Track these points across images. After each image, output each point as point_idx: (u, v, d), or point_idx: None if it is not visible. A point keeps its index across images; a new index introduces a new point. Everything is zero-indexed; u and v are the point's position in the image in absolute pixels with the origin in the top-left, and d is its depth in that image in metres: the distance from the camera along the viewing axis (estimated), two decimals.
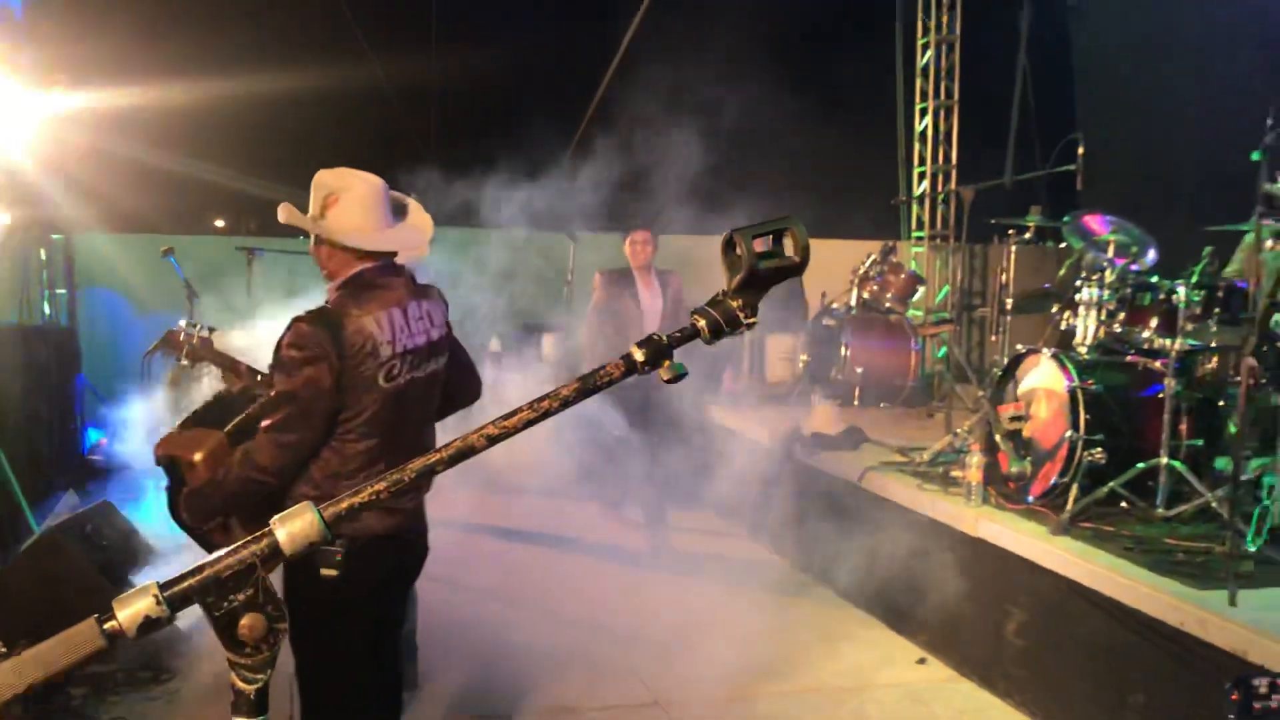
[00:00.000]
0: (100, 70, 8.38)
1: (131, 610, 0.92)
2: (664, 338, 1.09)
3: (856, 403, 7.97)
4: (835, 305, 8.54)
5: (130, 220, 9.05)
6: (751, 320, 1.11)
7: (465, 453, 1.01)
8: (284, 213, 3.19)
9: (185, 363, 3.79)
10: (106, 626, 0.92)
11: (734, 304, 1.11)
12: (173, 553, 5.58)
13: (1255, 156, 4.41)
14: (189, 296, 7.62)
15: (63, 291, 9.08)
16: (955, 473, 5.69)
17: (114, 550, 5.31)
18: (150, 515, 6.02)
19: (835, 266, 8.90)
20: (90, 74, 8.28)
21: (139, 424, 7.49)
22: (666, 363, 1.09)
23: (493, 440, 1.03)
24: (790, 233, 1.11)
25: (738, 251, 1.09)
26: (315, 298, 3.32)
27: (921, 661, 5.38)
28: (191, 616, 0.95)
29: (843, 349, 8.09)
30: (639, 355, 1.08)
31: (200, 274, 7.95)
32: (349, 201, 3.12)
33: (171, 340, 3.81)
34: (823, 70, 9.38)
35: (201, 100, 8.79)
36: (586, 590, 6.18)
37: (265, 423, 3.03)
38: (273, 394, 3.07)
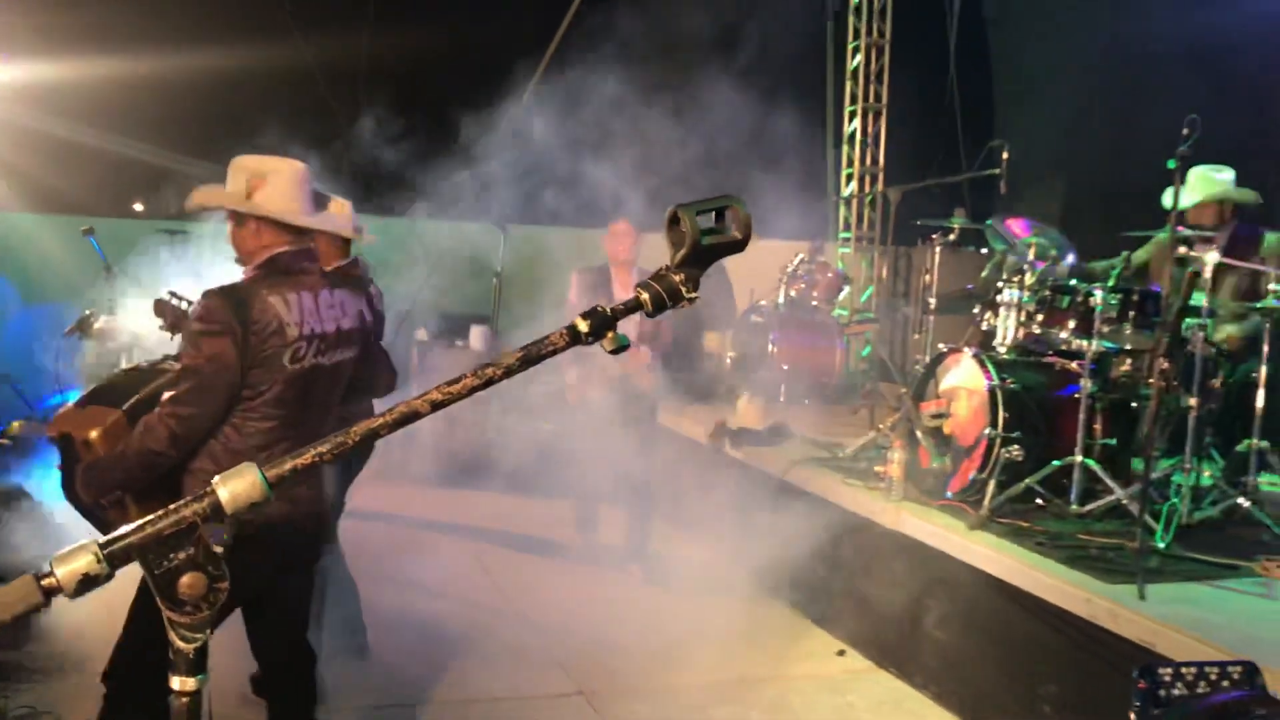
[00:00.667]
0: (31, 41, 8.15)
1: (70, 567, 0.92)
2: (608, 309, 1.11)
3: (783, 399, 8.05)
4: (763, 303, 8.63)
5: (46, 200, 8.81)
6: (693, 295, 1.13)
7: (409, 417, 1.02)
8: (203, 195, 3.23)
9: (169, 332, 4.06)
10: (44, 583, 0.91)
11: (677, 278, 1.13)
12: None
13: (1170, 164, 4.55)
14: (108, 278, 7.44)
15: None
16: (878, 468, 5.78)
17: (25, 538, 5.18)
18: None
19: (764, 265, 8.99)
20: (20, 45, 8.05)
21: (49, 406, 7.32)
22: (610, 334, 1.11)
23: (437, 405, 1.04)
24: (733, 210, 1.14)
25: (682, 227, 1.12)
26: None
27: (841, 654, 5.46)
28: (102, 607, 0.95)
29: (770, 346, 8.17)
30: (583, 326, 1.09)
31: (119, 256, 7.76)
32: (277, 182, 3.16)
33: (158, 309, 4.06)
34: (753, 72, 9.46)
35: (123, 77, 8.59)
36: (512, 583, 6.18)
37: (166, 395, 3.05)
38: (179, 367, 3.08)
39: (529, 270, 8.60)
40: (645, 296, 1.13)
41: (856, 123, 10.89)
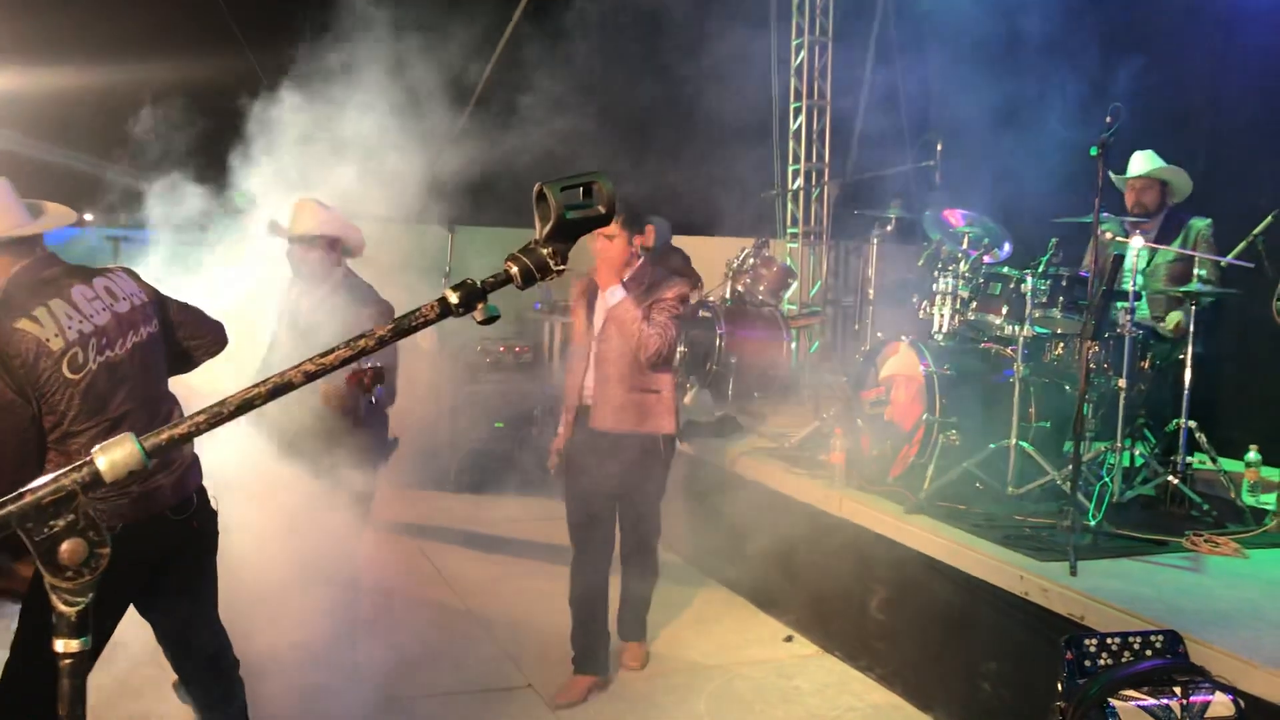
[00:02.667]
0: None
1: None
2: (478, 281, 1.16)
3: (730, 393, 8.12)
4: (710, 298, 8.70)
5: None
6: (561, 267, 1.19)
7: (283, 388, 1.07)
8: None
9: None
10: None
11: (545, 251, 1.18)
12: None
13: (1093, 152, 4.65)
14: None
15: None
16: (821, 456, 5.87)
17: None
18: None
19: (710, 261, 9.06)
20: None
21: None
22: (481, 305, 1.16)
23: (310, 376, 1.08)
24: (597, 185, 1.19)
25: (548, 202, 1.17)
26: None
27: (788, 639, 5.54)
28: None
29: (717, 340, 8.24)
30: (453, 298, 1.14)
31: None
32: None
33: None
34: (699, 69, 9.54)
35: (70, 86, 8.53)
36: (461, 580, 6.21)
37: None
38: None
39: (476, 271, 8.62)
40: (515, 270, 1.19)
41: (801, 119, 10.99)
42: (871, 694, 4.97)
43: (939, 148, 6.57)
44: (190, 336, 3.50)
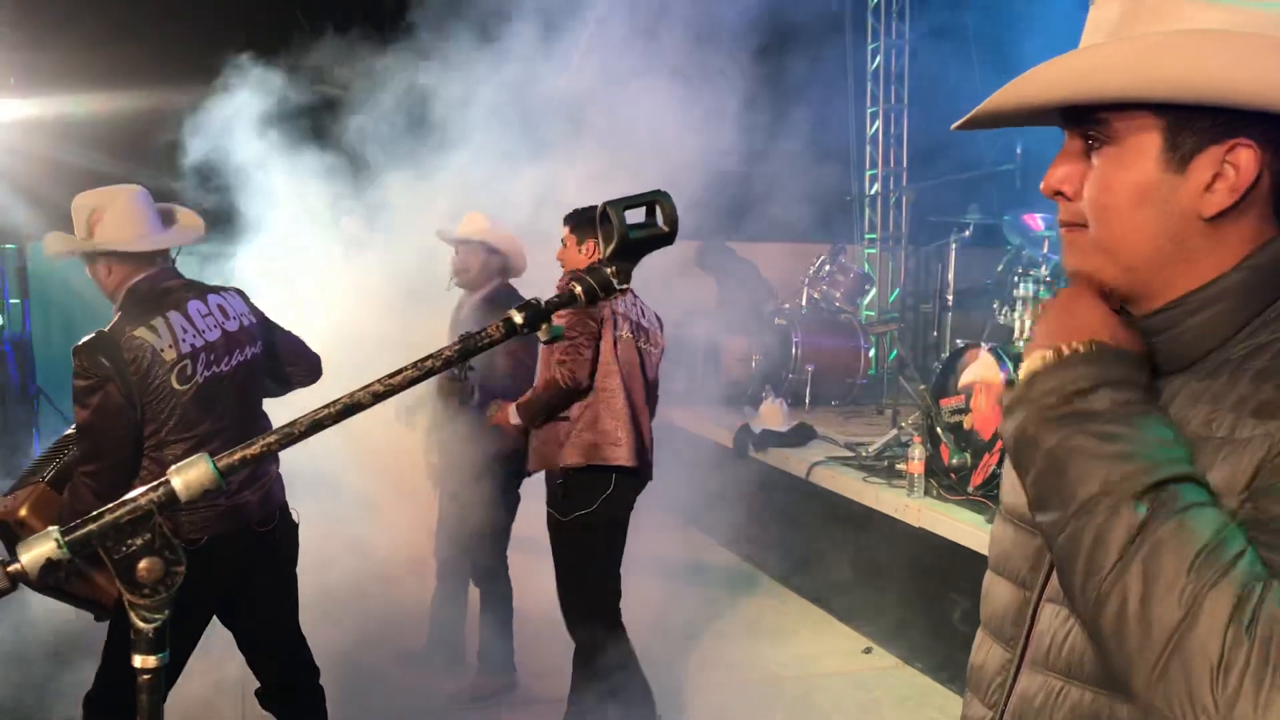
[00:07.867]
0: (54, 77, 8.35)
1: (34, 553, 0.99)
2: (541, 301, 1.17)
3: (807, 401, 8.07)
4: (786, 306, 8.66)
5: None
6: (624, 286, 1.19)
7: (352, 408, 1.09)
8: (54, 243, 3.24)
9: None
10: (10, 569, 0.99)
11: (609, 270, 1.19)
12: None
13: None
14: None
15: (16, 301, 9.04)
16: (899, 466, 5.80)
17: None
18: None
19: (786, 268, 9.03)
20: (44, 80, 8.25)
21: None
22: (545, 325, 1.17)
23: (378, 397, 1.10)
24: (660, 205, 1.19)
25: (611, 222, 1.18)
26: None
27: (867, 651, 5.48)
28: None
29: (793, 348, 8.20)
30: (518, 318, 1.16)
31: None
32: (115, 213, 3.19)
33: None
34: (774, 74, 9.49)
35: (159, 109, 8.77)
36: (537, 587, 6.22)
37: (79, 459, 3.10)
38: (75, 429, 3.15)
39: None
40: (579, 289, 1.20)
41: (879, 123, 10.90)
42: (954, 707, 4.88)
43: (1019, 151, 6.46)
44: (290, 362, 3.61)
